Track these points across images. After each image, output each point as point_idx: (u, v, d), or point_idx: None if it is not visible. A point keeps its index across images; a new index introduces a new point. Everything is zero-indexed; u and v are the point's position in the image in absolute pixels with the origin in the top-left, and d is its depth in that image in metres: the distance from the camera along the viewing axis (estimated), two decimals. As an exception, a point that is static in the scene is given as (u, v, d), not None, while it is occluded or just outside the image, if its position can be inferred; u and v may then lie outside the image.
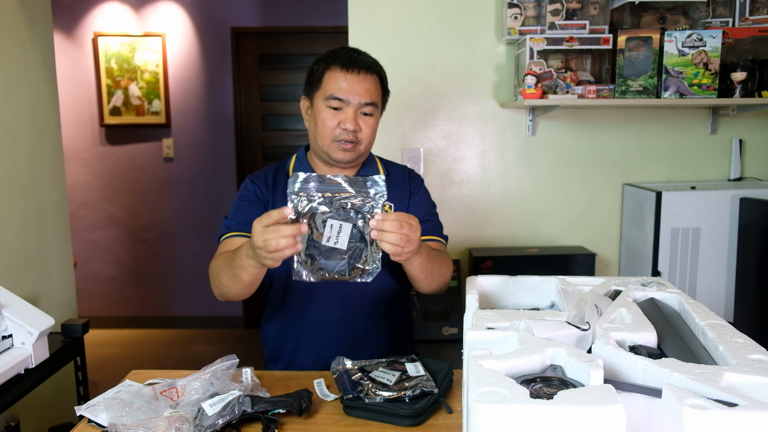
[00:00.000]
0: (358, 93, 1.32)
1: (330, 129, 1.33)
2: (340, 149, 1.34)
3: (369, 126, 1.35)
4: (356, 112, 1.33)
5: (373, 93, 1.34)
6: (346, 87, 1.31)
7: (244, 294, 1.25)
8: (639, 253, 2.21)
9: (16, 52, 2.11)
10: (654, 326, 0.79)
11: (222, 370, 1.11)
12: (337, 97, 1.32)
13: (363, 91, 1.32)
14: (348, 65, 1.32)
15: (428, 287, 1.33)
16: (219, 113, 3.97)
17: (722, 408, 0.55)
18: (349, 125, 1.32)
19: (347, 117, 1.32)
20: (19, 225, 2.10)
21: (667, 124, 2.32)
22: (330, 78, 1.33)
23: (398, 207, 1.43)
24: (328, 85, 1.33)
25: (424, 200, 1.49)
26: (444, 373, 1.18)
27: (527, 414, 0.57)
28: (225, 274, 1.22)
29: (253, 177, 1.45)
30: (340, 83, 1.32)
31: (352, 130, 1.32)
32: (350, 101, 1.32)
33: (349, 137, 1.33)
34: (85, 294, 4.04)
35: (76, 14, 3.87)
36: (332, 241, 1.05)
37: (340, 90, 1.31)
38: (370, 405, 1.07)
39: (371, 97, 1.33)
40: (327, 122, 1.33)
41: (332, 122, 1.33)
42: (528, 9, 2.11)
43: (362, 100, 1.32)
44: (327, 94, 1.33)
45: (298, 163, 1.45)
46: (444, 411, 1.10)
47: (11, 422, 1.70)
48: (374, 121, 1.37)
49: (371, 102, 1.33)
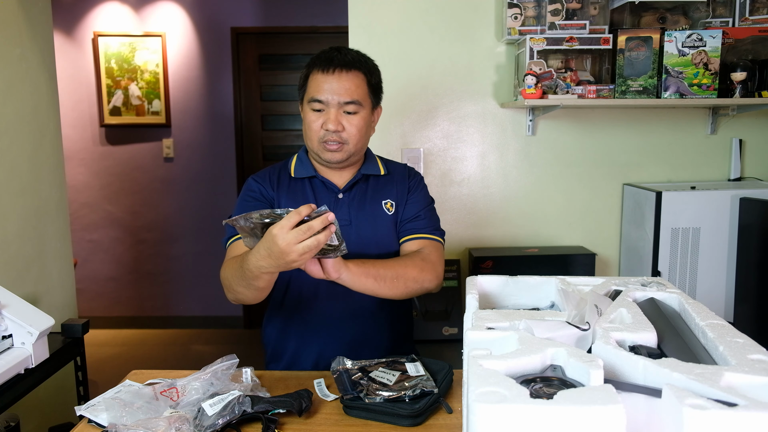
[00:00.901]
0: (338, 92, 1.31)
1: (315, 131, 1.34)
2: (326, 150, 1.35)
3: (354, 125, 1.33)
4: (338, 112, 1.32)
5: (353, 91, 1.32)
6: (325, 87, 1.31)
7: (260, 297, 1.25)
8: (639, 253, 2.22)
9: (16, 52, 2.11)
10: (654, 326, 0.79)
11: (222, 370, 1.11)
12: (318, 99, 1.32)
13: (342, 91, 1.31)
14: (326, 65, 1.31)
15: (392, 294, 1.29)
16: (219, 113, 3.97)
17: (722, 408, 0.55)
18: (331, 125, 1.31)
19: (329, 118, 1.31)
20: (19, 225, 2.10)
21: (667, 124, 2.32)
22: (312, 81, 1.33)
23: (399, 204, 1.44)
24: (310, 87, 1.33)
25: (421, 197, 1.48)
26: (444, 373, 1.18)
27: (527, 414, 0.57)
28: (238, 284, 1.21)
29: (256, 177, 1.45)
30: (320, 85, 1.31)
31: (335, 131, 1.32)
32: (330, 101, 1.31)
33: (333, 137, 1.32)
34: (85, 294, 4.04)
35: (76, 14, 3.87)
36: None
37: (320, 91, 1.31)
38: (370, 405, 1.07)
39: (351, 95, 1.31)
40: (311, 124, 1.34)
41: (316, 124, 1.33)
42: (528, 9, 2.11)
43: (342, 99, 1.31)
44: (309, 96, 1.33)
45: (299, 163, 1.45)
46: (444, 411, 1.10)
47: (11, 422, 1.70)
48: (359, 119, 1.34)
49: (352, 100, 1.32)
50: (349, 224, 1.39)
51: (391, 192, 1.45)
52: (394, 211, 1.43)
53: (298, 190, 1.42)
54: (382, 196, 1.44)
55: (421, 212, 1.45)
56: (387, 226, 1.42)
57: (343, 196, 1.41)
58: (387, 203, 1.44)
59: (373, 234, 1.40)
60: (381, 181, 1.46)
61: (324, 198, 1.41)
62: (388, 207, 1.43)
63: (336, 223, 1.06)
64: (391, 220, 1.42)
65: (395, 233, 1.43)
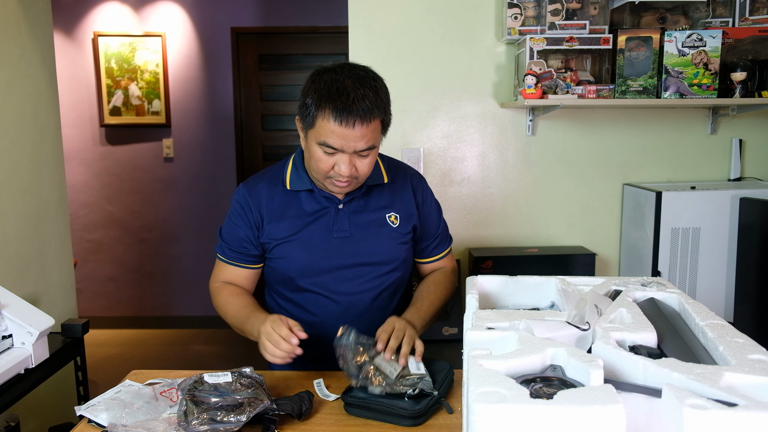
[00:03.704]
0: (354, 140, 1.19)
1: (323, 170, 1.24)
2: (335, 185, 1.27)
3: (366, 164, 1.25)
4: (352, 156, 1.22)
5: (370, 137, 1.20)
6: (339, 136, 1.18)
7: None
8: (639, 253, 2.21)
9: (16, 52, 2.11)
10: (654, 326, 0.79)
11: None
12: (331, 146, 1.20)
13: (359, 139, 1.19)
14: (342, 116, 1.16)
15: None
16: (219, 113, 3.97)
17: (722, 408, 0.55)
18: (344, 169, 1.21)
19: (342, 161, 1.21)
20: (19, 225, 2.10)
21: (667, 124, 2.32)
22: (323, 123, 1.18)
23: (403, 216, 1.38)
24: (321, 130, 1.19)
25: (434, 212, 1.46)
26: (445, 373, 1.18)
27: (527, 414, 0.57)
28: (234, 326, 1.35)
29: (246, 187, 1.37)
30: (333, 131, 1.18)
31: (348, 174, 1.23)
32: (345, 150, 1.20)
33: (344, 179, 1.24)
34: (85, 294, 4.04)
35: (76, 14, 3.87)
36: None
37: (335, 140, 1.19)
38: (371, 404, 1.07)
39: (368, 142, 1.20)
40: (320, 163, 1.23)
41: (326, 164, 1.23)
42: (528, 9, 2.11)
43: (358, 147, 1.20)
44: (320, 139, 1.20)
45: (295, 174, 1.36)
46: (444, 411, 1.10)
47: (11, 422, 1.70)
48: (372, 158, 1.26)
49: (368, 147, 1.21)
50: (348, 236, 1.34)
51: (395, 204, 1.39)
52: (399, 224, 1.38)
53: (294, 202, 1.35)
54: (386, 209, 1.38)
55: (439, 229, 1.47)
56: (391, 238, 1.37)
57: (343, 207, 1.35)
58: (391, 216, 1.38)
59: (375, 245, 1.35)
60: (384, 192, 1.39)
61: (323, 208, 1.35)
62: (392, 220, 1.38)
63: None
64: (395, 233, 1.38)
65: (399, 245, 1.39)
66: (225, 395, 1.03)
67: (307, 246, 1.33)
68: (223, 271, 1.40)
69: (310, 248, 1.33)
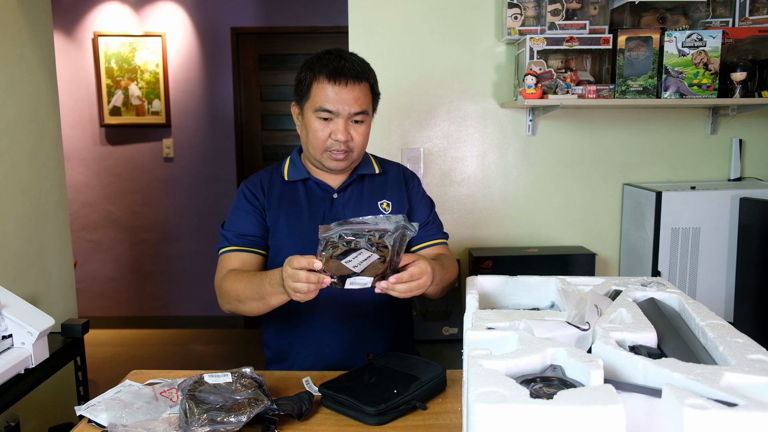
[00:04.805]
0: (348, 103, 1.30)
1: (321, 140, 1.33)
2: (332, 159, 1.35)
3: (360, 133, 1.35)
4: (347, 121, 1.32)
5: (362, 101, 1.32)
6: (334, 98, 1.29)
7: (264, 312, 1.29)
8: (639, 253, 2.21)
9: (16, 52, 2.11)
10: (654, 326, 0.79)
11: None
12: (327, 109, 1.30)
13: (352, 101, 1.30)
14: (335, 76, 1.29)
15: (435, 296, 1.36)
16: (219, 113, 3.97)
17: (722, 408, 0.55)
18: (340, 136, 1.31)
19: (338, 128, 1.31)
20: (19, 225, 2.10)
21: (667, 124, 2.32)
22: (318, 89, 1.31)
23: (396, 205, 1.44)
24: (317, 96, 1.31)
25: (425, 203, 1.50)
26: (431, 377, 1.15)
27: (527, 414, 0.57)
28: (251, 299, 1.25)
29: (247, 184, 1.44)
30: (328, 94, 1.29)
31: (344, 141, 1.32)
32: (340, 112, 1.30)
33: (341, 147, 1.33)
34: (85, 294, 4.04)
35: (76, 14, 3.87)
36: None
37: (329, 101, 1.30)
38: (342, 399, 1.09)
39: (361, 105, 1.31)
40: (318, 133, 1.32)
41: (323, 133, 1.32)
42: (528, 9, 2.11)
43: (352, 109, 1.31)
44: (316, 105, 1.31)
45: (292, 166, 1.45)
46: (445, 409, 1.11)
47: (11, 422, 1.70)
48: (366, 128, 1.36)
49: (362, 110, 1.32)
50: None
51: (387, 192, 1.46)
52: (391, 211, 1.44)
53: (292, 193, 1.42)
54: (379, 196, 1.45)
55: (429, 218, 1.48)
56: None
57: (338, 196, 1.42)
58: (383, 203, 1.44)
59: None
60: (376, 181, 1.47)
61: (319, 199, 1.41)
62: (385, 207, 1.44)
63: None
64: None
65: None
66: (225, 395, 1.03)
67: (303, 235, 1.37)
68: (229, 261, 1.38)
69: (306, 237, 1.36)
